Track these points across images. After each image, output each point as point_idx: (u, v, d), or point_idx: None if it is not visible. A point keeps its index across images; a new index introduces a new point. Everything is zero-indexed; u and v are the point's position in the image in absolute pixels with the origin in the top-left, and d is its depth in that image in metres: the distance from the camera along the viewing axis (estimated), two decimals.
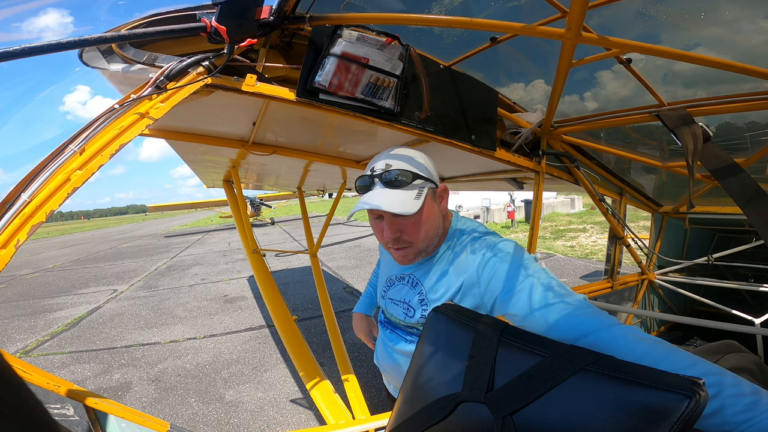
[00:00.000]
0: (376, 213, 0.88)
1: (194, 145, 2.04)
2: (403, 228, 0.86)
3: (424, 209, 0.86)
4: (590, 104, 1.67)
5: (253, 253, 3.18)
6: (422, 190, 0.86)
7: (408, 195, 0.83)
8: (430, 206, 0.88)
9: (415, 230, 0.86)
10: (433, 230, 0.89)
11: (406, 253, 0.89)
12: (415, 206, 0.83)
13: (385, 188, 0.84)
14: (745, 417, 0.50)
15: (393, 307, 1.01)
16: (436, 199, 0.91)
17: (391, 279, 1.04)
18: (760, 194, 0.99)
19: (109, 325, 5.08)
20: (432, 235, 0.90)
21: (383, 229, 0.87)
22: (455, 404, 0.59)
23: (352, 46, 1.06)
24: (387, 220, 0.86)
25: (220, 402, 2.93)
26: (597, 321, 0.67)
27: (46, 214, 0.84)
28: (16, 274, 10.61)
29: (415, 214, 0.84)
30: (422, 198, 0.85)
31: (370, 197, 0.84)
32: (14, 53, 0.71)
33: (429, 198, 0.88)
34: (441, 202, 0.93)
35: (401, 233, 0.86)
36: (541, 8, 0.95)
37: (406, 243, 0.88)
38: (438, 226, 0.91)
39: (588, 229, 10.38)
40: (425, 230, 0.87)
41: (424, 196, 0.86)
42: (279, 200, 18.54)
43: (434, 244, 0.92)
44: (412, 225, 0.86)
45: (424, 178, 0.87)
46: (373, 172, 0.87)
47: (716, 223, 2.69)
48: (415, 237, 0.87)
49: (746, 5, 1.05)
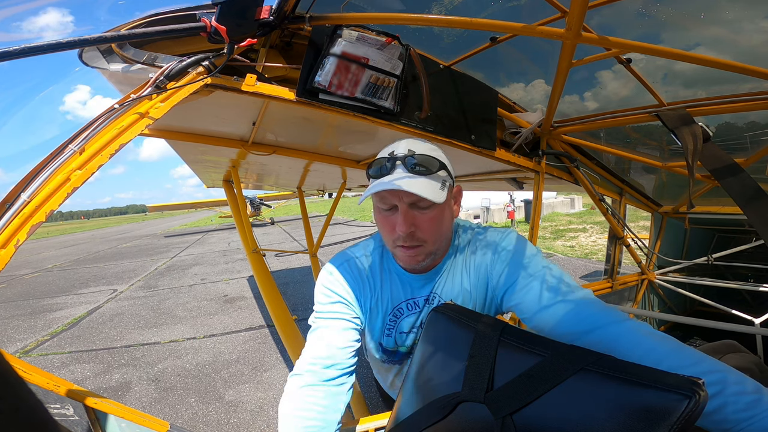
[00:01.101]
0: (388, 204, 0.77)
1: (194, 145, 2.04)
2: (418, 223, 0.76)
3: (443, 205, 0.78)
4: (590, 104, 1.67)
5: (252, 253, 3.18)
6: (446, 183, 0.78)
7: (434, 184, 0.75)
8: (449, 203, 0.81)
9: (431, 227, 0.77)
10: (446, 232, 0.82)
11: (416, 253, 0.78)
12: (442, 196, 0.74)
13: (409, 173, 0.74)
14: (746, 415, 0.50)
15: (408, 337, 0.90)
16: (450, 198, 0.83)
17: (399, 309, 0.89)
18: (760, 194, 0.99)
19: (108, 325, 5.08)
20: (444, 238, 0.82)
21: (395, 223, 0.75)
22: (455, 404, 0.59)
23: (352, 45, 1.06)
24: (402, 212, 0.75)
25: (220, 402, 2.93)
26: (604, 316, 0.67)
27: (45, 214, 0.83)
28: (16, 274, 10.60)
29: (434, 207, 0.76)
30: (446, 191, 0.77)
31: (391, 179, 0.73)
32: (14, 53, 0.71)
33: (449, 194, 0.80)
34: (455, 204, 0.86)
35: (416, 229, 0.76)
36: (541, 8, 0.95)
37: (419, 241, 0.77)
38: (450, 228, 0.84)
39: (588, 229, 10.37)
40: (441, 230, 0.79)
41: (447, 190, 0.78)
42: (279, 200, 18.52)
43: (443, 248, 0.84)
44: (430, 220, 0.76)
45: (448, 171, 0.79)
46: (393, 155, 0.76)
47: (716, 223, 2.68)
48: (429, 235, 0.77)
49: (747, 5, 1.05)
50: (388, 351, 0.93)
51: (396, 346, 0.92)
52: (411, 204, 0.75)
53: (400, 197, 0.74)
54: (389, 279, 0.89)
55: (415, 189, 0.71)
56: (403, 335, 0.90)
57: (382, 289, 0.89)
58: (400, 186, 0.71)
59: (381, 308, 0.89)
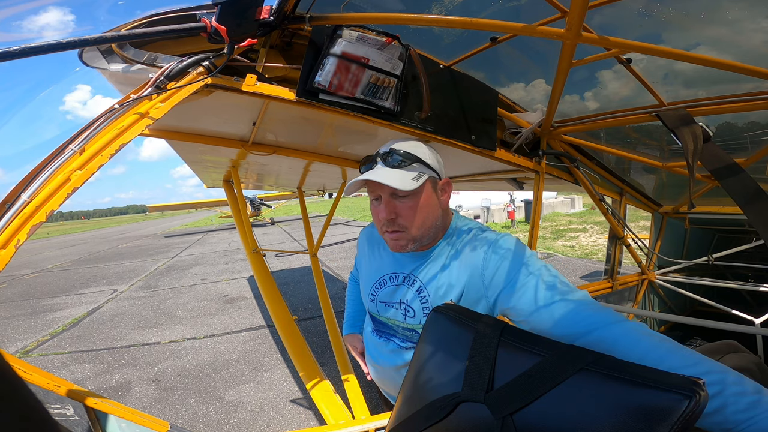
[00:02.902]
0: (375, 194, 0.89)
1: (194, 145, 2.04)
2: (399, 211, 0.86)
3: (423, 195, 0.86)
4: (591, 104, 1.67)
5: (253, 253, 3.18)
6: (422, 175, 0.86)
7: (406, 174, 0.84)
8: (430, 194, 0.88)
9: (410, 214, 0.86)
10: (430, 220, 0.88)
11: (399, 238, 0.88)
12: (412, 185, 0.83)
13: (385, 167, 0.86)
14: (746, 416, 0.50)
15: (387, 309, 0.97)
16: (437, 191, 0.91)
17: (383, 279, 0.99)
18: (760, 194, 0.99)
19: (109, 325, 5.08)
20: (428, 225, 0.89)
21: (380, 211, 0.88)
22: (455, 404, 0.59)
23: (352, 46, 1.06)
24: (384, 201, 0.87)
25: (220, 402, 2.93)
26: (602, 317, 0.68)
27: (46, 214, 0.83)
28: (17, 274, 10.61)
29: (412, 196, 0.85)
30: (420, 181, 0.85)
31: (368, 173, 0.86)
32: (14, 53, 0.71)
33: (429, 185, 0.88)
34: (442, 195, 0.92)
35: (397, 216, 0.86)
36: (541, 8, 0.95)
37: (401, 227, 0.87)
38: (436, 217, 0.90)
39: (588, 229, 10.37)
40: (422, 217, 0.87)
41: (424, 180, 0.86)
42: (279, 200, 18.54)
43: (430, 235, 0.91)
44: (409, 208, 0.86)
45: (426, 164, 0.87)
46: (377, 153, 0.90)
47: (716, 223, 2.68)
48: (410, 221, 0.86)
49: (747, 5, 1.05)
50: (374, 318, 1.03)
51: (378, 313, 1.01)
52: (392, 194, 0.86)
53: (382, 188, 0.86)
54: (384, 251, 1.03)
55: (382, 179, 0.82)
56: (382, 305, 0.99)
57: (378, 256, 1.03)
58: (368, 177, 0.83)
59: (372, 274, 1.03)
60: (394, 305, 0.95)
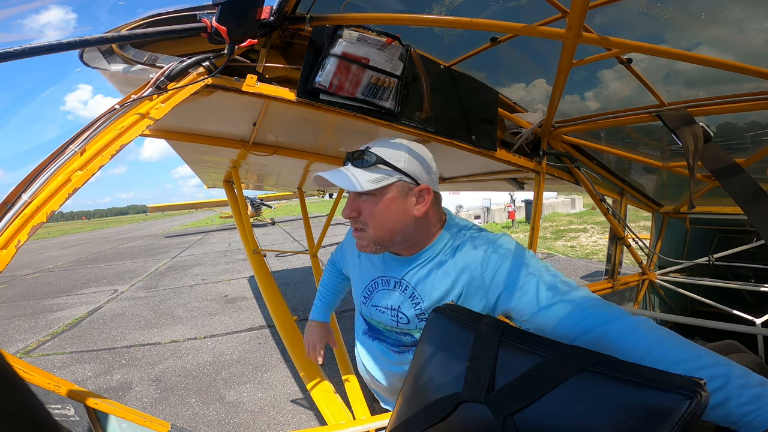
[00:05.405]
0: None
1: (195, 146, 2.05)
2: (360, 209, 0.86)
3: (385, 198, 0.83)
4: (591, 104, 1.66)
5: (253, 253, 3.18)
6: (387, 178, 0.83)
7: (366, 175, 0.82)
8: (394, 198, 0.84)
9: (368, 214, 0.85)
10: (391, 224, 0.84)
11: (360, 237, 0.88)
12: (366, 186, 0.81)
13: (350, 165, 0.86)
14: (749, 409, 0.50)
15: (380, 314, 0.96)
16: (409, 196, 0.85)
17: (375, 282, 0.97)
18: (761, 194, 0.99)
19: (109, 326, 5.08)
20: (390, 229, 0.85)
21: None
22: (456, 404, 0.59)
23: (352, 46, 1.06)
24: (350, 197, 0.88)
25: (221, 402, 2.93)
26: (605, 313, 0.67)
27: (46, 215, 0.83)
28: (17, 274, 10.61)
29: (373, 197, 0.84)
30: (382, 183, 0.82)
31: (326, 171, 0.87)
32: (14, 53, 0.71)
33: (395, 189, 0.84)
34: (418, 202, 0.85)
35: (359, 215, 0.86)
36: (542, 8, 0.95)
37: (362, 224, 0.87)
38: (404, 223, 0.85)
39: (588, 229, 10.37)
40: (381, 220, 0.84)
41: (387, 183, 0.83)
42: (279, 200, 18.53)
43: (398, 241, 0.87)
44: (367, 209, 0.85)
45: (395, 167, 0.83)
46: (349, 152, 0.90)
47: (717, 223, 2.68)
48: (369, 221, 0.85)
49: (749, 5, 1.05)
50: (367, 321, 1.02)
51: (370, 317, 0.99)
52: (356, 193, 0.85)
53: None
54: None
55: (331, 176, 0.83)
56: (375, 309, 0.97)
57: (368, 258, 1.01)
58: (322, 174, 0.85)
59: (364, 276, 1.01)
60: (386, 311, 0.94)
